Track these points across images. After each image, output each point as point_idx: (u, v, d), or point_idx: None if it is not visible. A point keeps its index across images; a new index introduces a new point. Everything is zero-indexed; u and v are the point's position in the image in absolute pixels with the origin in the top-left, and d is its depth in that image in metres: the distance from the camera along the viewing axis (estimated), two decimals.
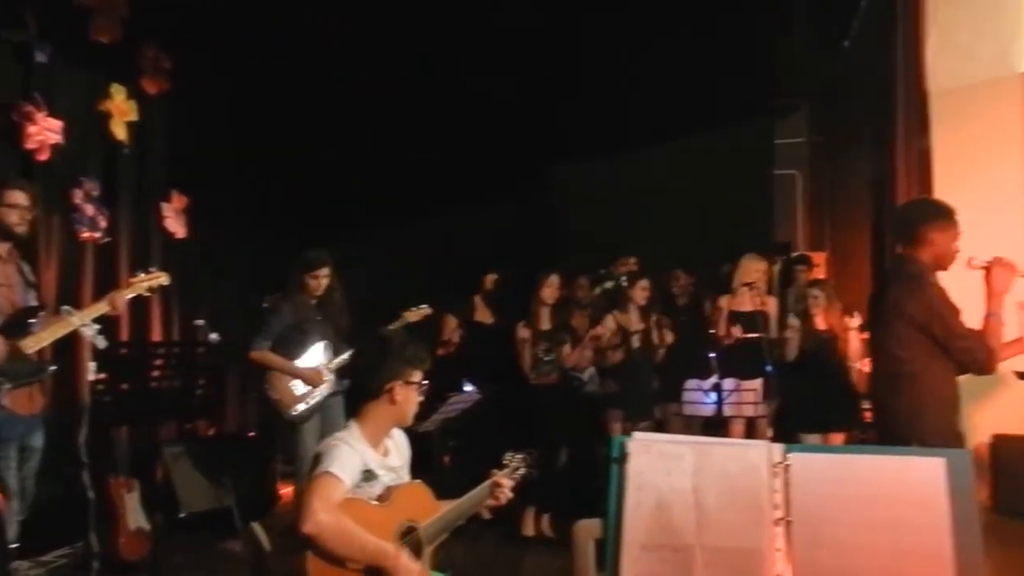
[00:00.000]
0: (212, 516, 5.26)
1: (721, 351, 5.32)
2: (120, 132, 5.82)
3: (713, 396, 5.25)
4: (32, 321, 3.60)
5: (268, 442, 5.87)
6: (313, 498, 2.29)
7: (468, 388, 5.27)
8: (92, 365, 3.81)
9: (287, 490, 5.90)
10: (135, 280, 4.00)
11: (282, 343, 4.71)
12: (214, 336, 4.70)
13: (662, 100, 7.16)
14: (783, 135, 8.55)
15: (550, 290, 5.33)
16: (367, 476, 2.50)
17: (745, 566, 1.83)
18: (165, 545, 4.78)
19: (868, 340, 3.59)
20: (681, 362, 5.61)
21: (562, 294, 5.47)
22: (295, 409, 4.66)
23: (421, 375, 2.65)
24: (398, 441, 2.74)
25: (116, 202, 5.81)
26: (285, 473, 5.92)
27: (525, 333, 5.31)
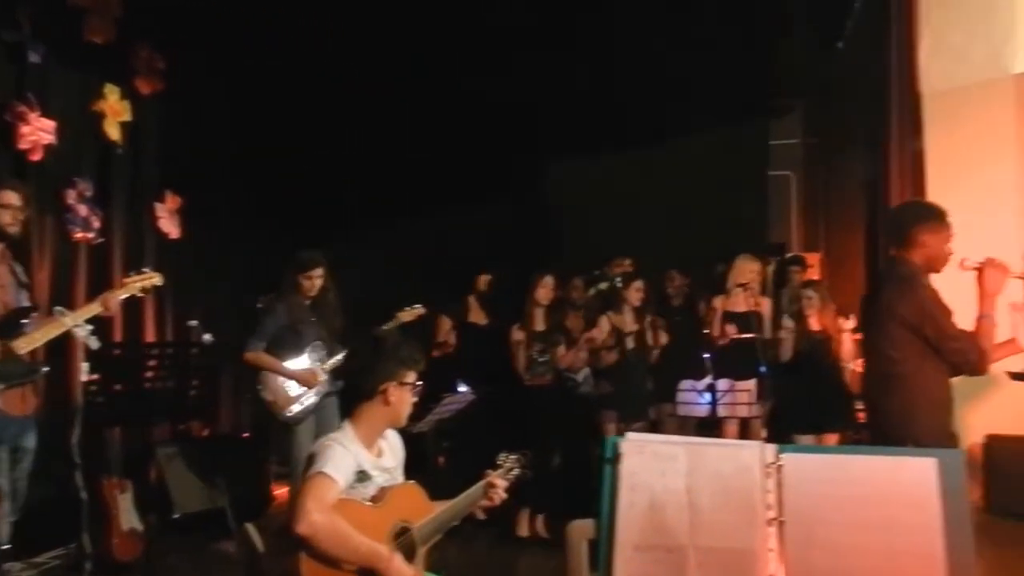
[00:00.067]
0: (206, 517, 5.25)
1: (715, 352, 5.33)
2: (114, 132, 5.80)
3: (707, 397, 5.26)
4: (25, 322, 3.59)
5: (262, 443, 5.85)
6: (307, 499, 2.29)
7: (462, 389, 5.27)
8: (85, 366, 3.80)
9: (281, 491, 5.90)
10: (128, 280, 3.99)
11: (276, 344, 4.70)
12: (207, 337, 4.70)
13: (657, 101, 7.18)
14: (777, 136, 8.58)
15: (544, 291, 5.33)
16: (361, 477, 2.50)
17: (738, 566, 1.83)
18: (158, 546, 4.77)
19: (861, 341, 3.60)
20: (675, 363, 5.62)
21: (556, 295, 5.47)
22: (290, 410, 4.66)
23: (415, 376, 2.65)
24: (392, 442, 2.74)
25: (109, 202, 5.79)
26: (279, 474, 5.92)
27: (519, 335, 5.31)
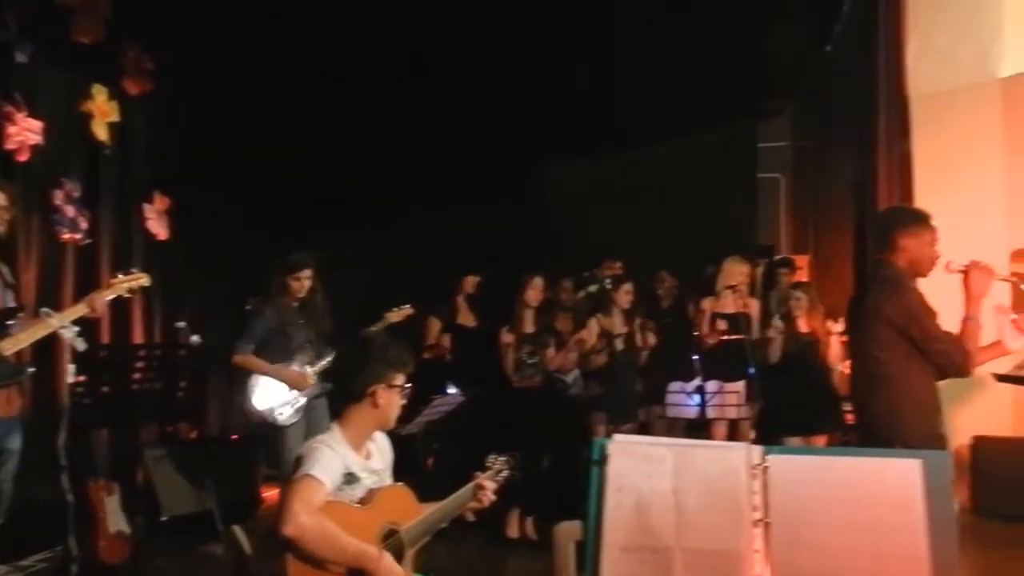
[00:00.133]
0: (194, 520, 5.22)
1: (704, 354, 5.34)
2: (101, 133, 5.77)
3: (696, 398, 5.27)
4: (10, 323, 3.58)
5: (250, 445, 5.83)
6: (294, 501, 2.29)
7: (451, 390, 5.27)
8: (71, 367, 3.77)
9: (271, 493, 5.87)
10: (115, 281, 3.97)
11: (265, 346, 4.69)
12: (195, 338, 4.68)
13: (646, 103, 7.20)
14: (766, 139, 8.61)
15: (534, 292, 5.33)
16: (349, 479, 2.50)
17: (724, 568, 1.84)
18: (146, 549, 4.75)
19: (848, 343, 3.62)
20: (665, 365, 5.63)
21: (546, 296, 5.48)
22: (279, 413, 4.64)
23: (404, 378, 2.65)
24: (380, 444, 2.74)
25: (97, 203, 5.76)
26: (268, 476, 5.90)
27: (509, 337, 5.30)
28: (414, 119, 7.00)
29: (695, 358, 5.34)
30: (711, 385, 5.26)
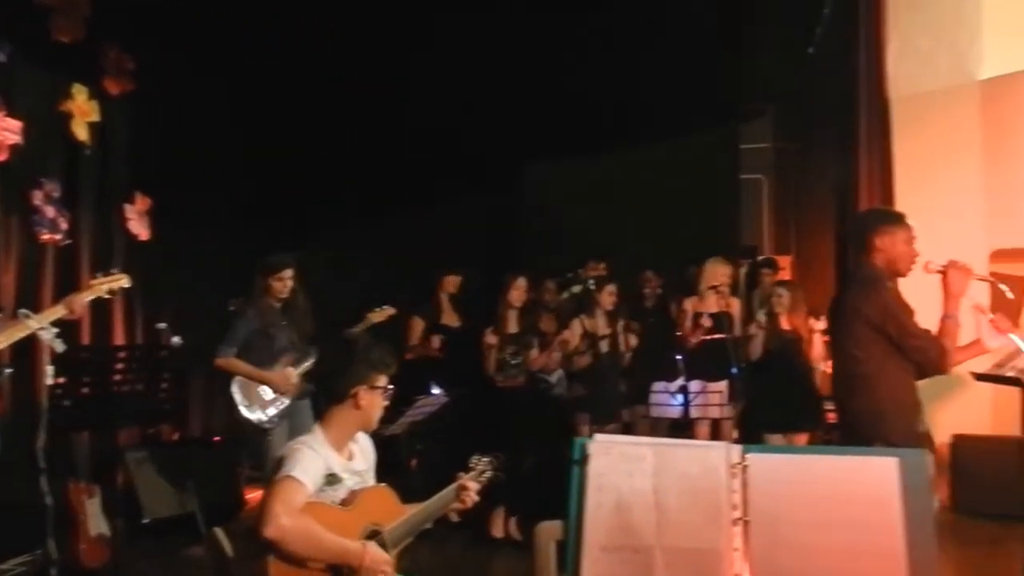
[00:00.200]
0: (176, 522, 5.18)
1: (687, 354, 5.37)
2: (81, 133, 5.73)
3: (679, 398, 5.30)
4: None
5: (233, 446, 5.80)
6: (275, 502, 2.28)
7: (435, 391, 5.26)
8: (50, 369, 3.74)
9: (254, 495, 5.84)
10: (95, 282, 3.93)
11: (248, 348, 4.67)
12: (176, 339, 4.65)
13: (630, 105, 7.22)
14: (749, 140, 8.66)
15: (517, 292, 5.33)
16: (331, 480, 2.49)
17: (704, 566, 1.85)
18: (127, 552, 4.71)
19: (829, 343, 3.65)
20: (648, 365, 5.65)
21: (529, 297, 5.48)
22: (263, 414, 4.63)
23: (386, 379, 2.64)
24: (363, 445, 2.73)
25: (77, 204, 5.71)
26: (252, 478, 5.87)
27: (492, 339, 5.29)
28: (396, 118, 6.98)
29: (678, 358, 5.36)
30: (694, 385, 5.28)
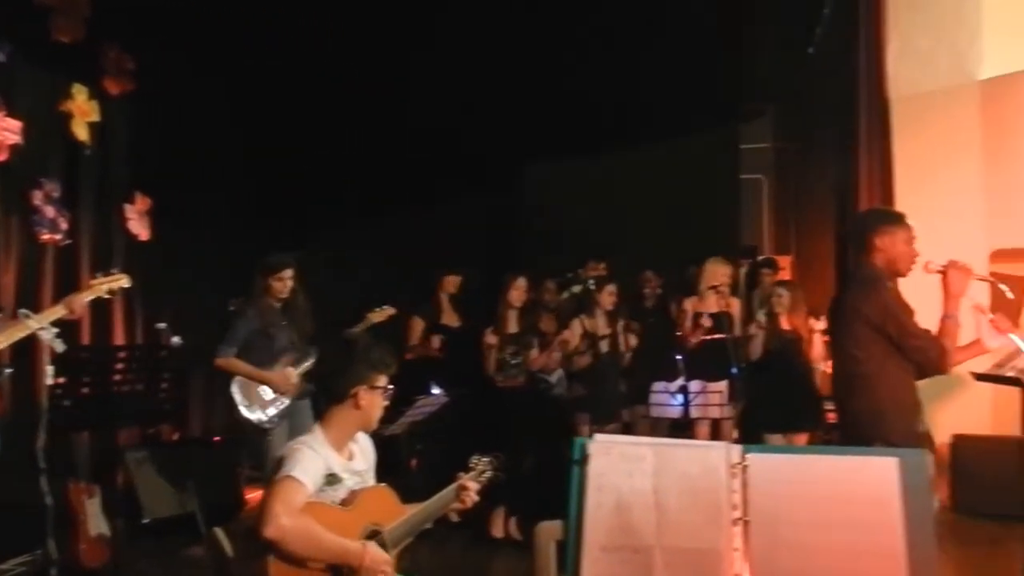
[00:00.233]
0: (176, 522, 5.18)
1: (687, 353, 5.37)
2: (81, 133, 5.73)
3: (679, 398, 5.30)
4: None
5: (233, 446, 5.80)
6: (275, 502, 2.28)
7: (435, 391, 5.26)
8: (50, 369, 3.75)
9: (254, 495, 5.84)
10: (95, 282, 3.93)
11: (248, 348, 4.67)
12: (176, 339, 4.65)
13: (629, 105, 7.22)
14: (749, 140, 8.66)
15: (517, 293, 5.32)
16: (331, 480, 2.49)
17: (704, 566, 1.85)
18: (127, 552, 4.71)
19: (829, 343, 3.65)
20: (648, 365, 5.64)
21: (529, 297, 5.48)
22: (263, 414, 4.63)
23: (386, 379, 2.64)
24: (363, 445, 2.73)
25: (77, 204, 5.71)
26: (252, 478, 5.87)
27: (492, 339, 5.29)
28: (396, 118, 6.98)
29: (678, 358, 5.36)
30: (694, 385, 5.28)
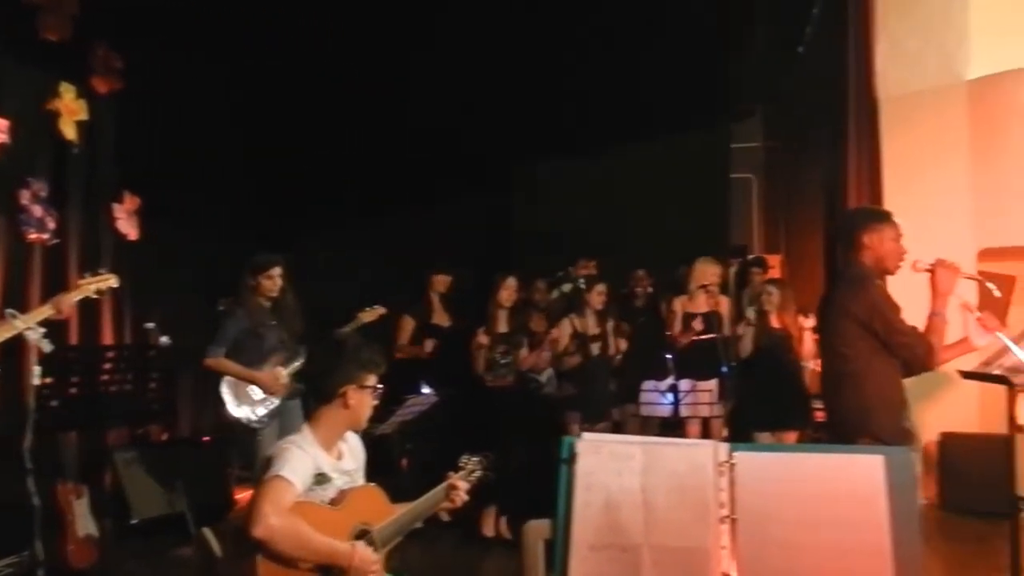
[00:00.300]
0: (165, 522, 5.17)
1: (677, 353, 5.38)
2: (69, 131, 5.69)
3: (669, 397, 5.31)
4: None
5: (222, 446, 5.78)
6: (264, 502, 2.27)
7: (425, 390, 5.25)
8: (37, 369, 3.73)
9: (244, 495, 5.82)
10: (83, 282, 3.92)
11: (237, 348, 4.65)
12: (165, 339, 4.63)
13: (621, 105, 7.23)
14: (739, 139, 8.69)
15: (507, 292, 5.33)
16: (320, 479, 2.49)
17: (692, 565, 1.85)
18: (116, 552, 4.69)
19: (818, 341, 3.67)
20: (638, 364, 5.65)
21: (519, 296, 5.48)
22: (252, 414, 4.61)
23: (375, 379, 2.64)
24: (352, 444, 2.73)
25: (65, 203, 5.67)
26: (241, 478, 5.85)
27: (484, 339, 5.28)
28: (389, 118, 6.97)
29: (668, 357, 5.38)
30: (684, 383, 5.30)
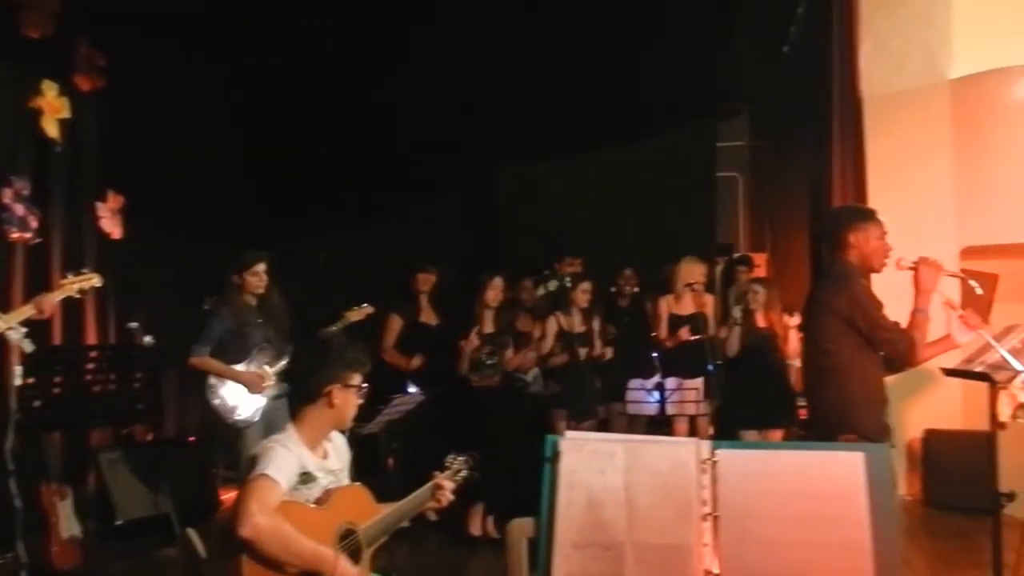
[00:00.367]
0: (150, 523, 5.14)
1: (663, 351, 5.40)
2: (52, 130, 5.64)
3: (656, 395, 5.33)
4: None
5: (208, 446, 5.75)
6: (250, 501, 2.26)
7: (412, 390, 5.24)
8: (18, 369, 3.70)
9: (229, 496, 5.80)
10: (65, 282, 3.90)
11: (222, 347, 4.64)
12: (148, 339, 4.60)
13: (608, 104, 7.24)
14: (725, 138, 8.72)
15: (493, 292, 5.32)
16: (305, 478, 2.48)
17: (674, 562, 1.86)
18: (100, 554, 4.67)
19: (802, 338, 3.70)
20: (624, 362, 5.67)
21: (506, 296, 5.47)
22: (238, 414, 4.60)
23: (360, 378, 2.64)
24: (337, 444, 2.73)
25: (48, 201, 5.62)
26: (227, 479, 5.83)
27: (475, 341, 5.26)
28: (374, 116, 6.95)
29: (654, 355, 5.40)
30: (670, 382, 5.31)
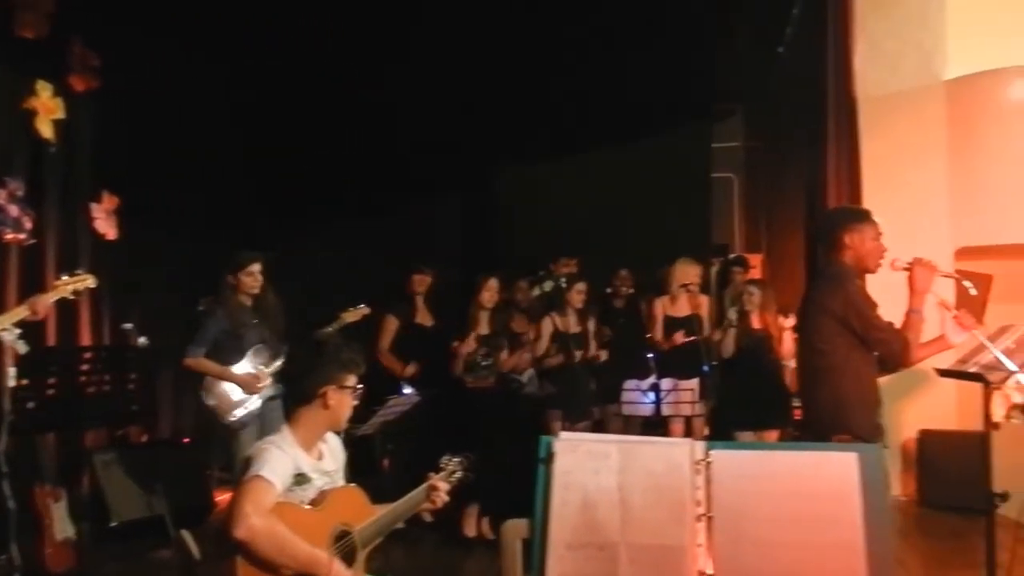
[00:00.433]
0: (144, 525, 5.12)
1: (659, 352, 5.40)
2: (46, 130, 5.63)
3: (651, 396, 5.33)
4: None
5: (202, 448, 5.74)
6: (244, 502, 2.26)
7: (407, 391, 5.24)
8: (12, 371, 3.69)
9: (224, 497, 5.78)
10: (59, 283, 3.89)
11: (218, 348, 4.63)
12: (143, 339, 4.59)
13: (603, 105, 7.24)
14: (720, 139, 8.73)
15: (489, 294, 5.31)
16: (300, 480, 2.48)
17: (668, 562, 1.86)
18: (94, 555, 4.65)
19: (797, 339, 3.70)
20: (620, 363, 5.67)
21: (501, 297, 5.47)
22: (233, 415, 4.59)
23: (355, 379, 2.63)
24: (332, 445, 2.72)
25: (42, 202, 5.60)
26: (222, 480, 5.81)
27: (472, 344, 5.24)
28: (371, 117, 6.95)
29: (650, 356, 5.40)
30: (666, 383, 5.32)
